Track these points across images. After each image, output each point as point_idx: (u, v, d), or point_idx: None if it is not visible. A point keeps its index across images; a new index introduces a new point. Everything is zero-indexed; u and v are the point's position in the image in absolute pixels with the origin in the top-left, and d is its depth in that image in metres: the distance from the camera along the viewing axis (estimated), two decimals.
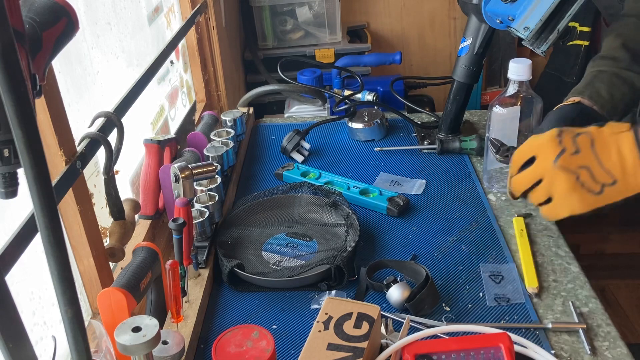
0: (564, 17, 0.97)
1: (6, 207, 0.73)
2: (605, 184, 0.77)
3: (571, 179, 0.78)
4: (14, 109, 0.39)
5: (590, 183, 0.77)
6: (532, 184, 0.82)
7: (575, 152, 0.79)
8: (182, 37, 1.35)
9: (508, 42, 2.45)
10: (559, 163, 0.79)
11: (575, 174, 0.78)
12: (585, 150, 0.78)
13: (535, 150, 0.82)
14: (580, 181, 0.78)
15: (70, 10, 0.64)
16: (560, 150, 0.79)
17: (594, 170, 0.77)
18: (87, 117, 0.91)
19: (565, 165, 0.79)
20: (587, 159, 0.78)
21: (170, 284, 0.79)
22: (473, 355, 0.71)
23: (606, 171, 0.77)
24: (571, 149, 0.79)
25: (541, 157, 0.81)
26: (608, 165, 0.77)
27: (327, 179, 1.25)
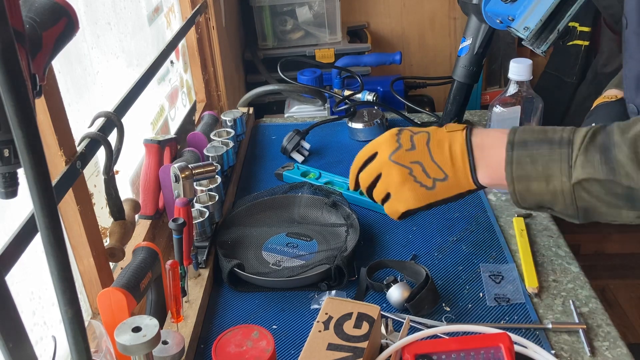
0: (564, 17, 0.97)
1: (6, 207, 0.73)
2: (436, 179, 0.79)
3: (404, 172, 0.81)
4: (14, 109, 0.39)
5: (422, 177, 0.80)
6: (372, 179, 0.85)
7: (410, 148, 0.81)
8: (182, 37, 1.35)
9: (508, 42, 2.45)
10: (393, 157, 0.81)
11: (408, 169, 0.81)
12: (419, 147, 0.81)
13: (376, 147, 0.85)
14: (412, 175, 0.80)
15: (70, 10, 0.64)
16: (396, 147, 0.82)
17: (426, 165, 0.80)
18: (87, 117, 0.91)
19: (399, 159, 0.81)
20: (420, 155, 0.81)
21: (170, 284, 0.79)
22: (473, 355, 0.71)
23: (437, 166, 0.79)
24: (407, 146, 0.82)
25: (380, 153, 0.84)
26: (439, 161, 0.79)
27: (327, 179, 1.25)
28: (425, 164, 0.80)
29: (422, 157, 0.80)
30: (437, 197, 0.81)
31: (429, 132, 0.82)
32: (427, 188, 0.80)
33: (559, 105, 2.24)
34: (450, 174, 0.79)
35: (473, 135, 0.78)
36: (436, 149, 0.80)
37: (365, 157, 0.86)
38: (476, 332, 0.82)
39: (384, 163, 0.82)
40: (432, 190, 0.80)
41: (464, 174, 0.78)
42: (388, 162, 0.82)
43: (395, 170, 0.81)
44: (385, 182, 0.83)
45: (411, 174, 0.80)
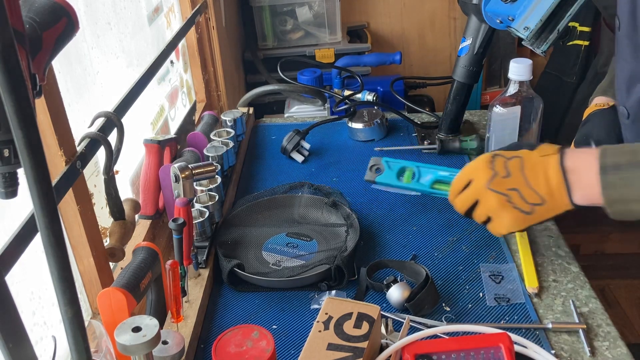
0: (564, 17, 0.97)
1: (6, 207, 0.73)
2: (534, 204, 0.83)
3: (502, 200, 0.85)
4: (14, 109, 0.39)
5: (521, 203, 0.83)
6: (469, 205, 0.89)
7: (506, 175, 0.85)
8: (182, 37, 1.35)
9: (508, 42, 2.45)
10: (490, 186, 0.85)
11: (506, 196, 0.84)
12: (515, 173, 0.84)
13: (471, 175, 0.89)
14: (512, 202, 0.84)
15: (70, 10, 0.64)
16: (492, 174, 0.86)
17: (523, 192, 0.83)
18: (87, 117, 0.91)
19: (496, 187, 0.85)
20: (517, 182, 0.84)
21: (170, 284, 0.79)
22: (473, 355, 0.71)
23: (535, 192, 0.83)
24: (502, 173, 0.85)
25: (475, 181, 0.88)
26: (535, 186, 0.82)
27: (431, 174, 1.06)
28: (522, 190, 0.83)
29: (519, 184, 0.84)
30: (535, 220, 0.84)
31: (521, 157, 0.85)
32: (525, 213, 0.83)
33: (559, 105, 2.24)
34: (547, 199, 0.82)
35: (565, 159, 0.81)
36: (531, 175, 0.83)
37: (462, 185, 0.90)
38: (476, 332, 0.82)
39: (482, 190, 0.87)
40: (530, 215, 0.83)
41: (561, 197, 0.81)
42: (485, 190, 0.86)
43: (493, 198, 0.85)
44: (485, 208, 0.87)
45: (509, 201, 0.84)
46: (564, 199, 0.81)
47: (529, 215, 0.83)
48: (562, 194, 0.81)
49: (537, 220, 0.84)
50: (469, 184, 0.89)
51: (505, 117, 1.11)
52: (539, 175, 0.82)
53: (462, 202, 0.91)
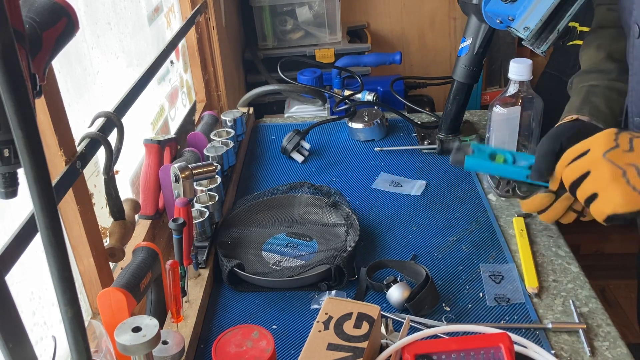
0: (564, 17, 0.97)
1: (6, 207, 0.73)
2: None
3: (617, 172, 0.76)
4: (14, 109, 0.39)
5: (636, 181, 0.75)
6: (579, 175, 0.80)
7: (628, 149, 0.77)
8: (182, 37, 1.35)
9: (508, 42, 2.45)
10: (607, 155, 0.77)
11: (622, 170, 0.76)
12: (638, 150, 0.76)
13: (590, 144, 0.80)
14: (626, 177, 0.75)
15: (70, 10, 0.64)
16: (613, 145, 0.78)
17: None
18: (87, 117, 0.91)
19: (613, 158, 0.76)
20: (638, 158, 0.76)
21: (170, 284, 0.79)
22: (473, 355, 0.71)
23: None
24: (624, 147, 0.77)
25: (593, 149, 0.79)
26: None
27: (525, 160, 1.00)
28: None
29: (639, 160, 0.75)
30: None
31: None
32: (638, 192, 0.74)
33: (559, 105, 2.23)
34: None
35: None
36: None
37: (577, 153, 0.82)
38: (476, 332, 0.82)
39: (597, 160, 0.78)
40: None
41: None
42: (601, 159, 0.77)
43: (607, 169, 0.76)
44: (594, 180, 0.78)
45: (624, 175, 0.75)
46: None
47: None
48: None
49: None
50: (585, 154, 0.80)
51: (505, 117, 1.11)
52: None
53: (571, 171, 0.81)
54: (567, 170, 0.83)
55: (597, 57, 1.07)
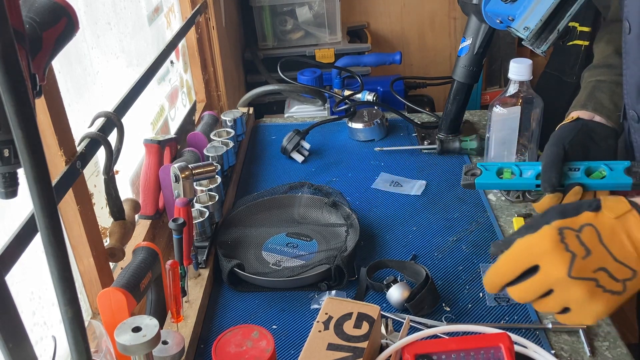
0: (564, 17, 0.97)
1: (6, 207, 0.73)
2: (625, 279, 0.66)
3: (590, 286, 0.66)
4: (14, 109, 0.39)
5: (611, 284, 0.66)
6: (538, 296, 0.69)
7: (585, 255, 0.67)
8: (182, 37, 1.35)
9: (508, 42, 2.45)
10: (573, 274, 0.67)
11: (594, 280, 0.67)
12: (595, 249, 0.67)
13: (538, 259, 0.68)
14: (600, 286, 0.66)
15: (70, 10, 0.64)
16: (569, 257, 0.67)
17: (611, 269, 0.66)
18: (87, 117, 0.91)
19: (580, 274, 0.67)
20: (601, 259, 0.67)
21: (170, 284, 0.79)
22: (473, 355, 0.71)
23: (624, 265, 0.66)
24: (580, 253, 0.67)
25: (548, 267, 0.68)
26: (624, 258, 0.66)
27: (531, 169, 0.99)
28: (609, 267, 0.66)
29: (603, 260, 0.67)
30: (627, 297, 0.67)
31: (593, 224, 0.68)
32: (618, 294, 0.66)
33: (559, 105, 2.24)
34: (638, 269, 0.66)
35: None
36: (614, 245, 0.67)
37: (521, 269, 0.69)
38: (476, 332, 0.82)
39: (560, 280, 0.67)
40: (623, 294, 0.66)
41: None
42: (566, 280, 0.67)
43: (578, 288, 0.66)
44: (563, 299, 0.68)
45: (598, 285, 0.66)
46: None
47: (621, 295, 0.66)
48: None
49: (627, 297, 0.67)
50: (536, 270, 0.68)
51: (505, 117, 1.11)
52: (624, 242, 0.67)
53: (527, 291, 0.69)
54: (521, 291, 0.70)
55: (607, 51, 1.08)
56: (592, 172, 0.95)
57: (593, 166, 0.95)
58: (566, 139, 0.97)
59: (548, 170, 0.94)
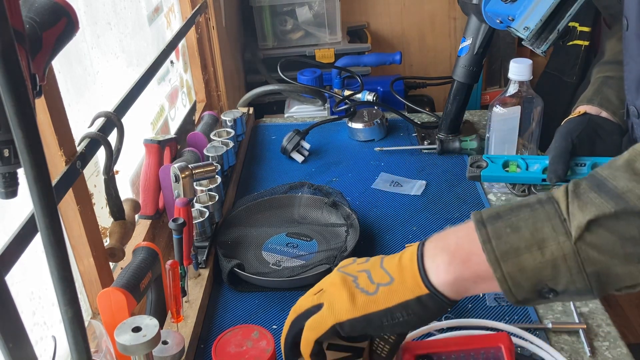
0: (564, 17, 0.97)
1: (6, 207, 0.73)
2: (380, 283, 0.63)
3: (347, 279, 0.66)
4: (14, 109, 0.39)
5: (366, 284, 0.64)
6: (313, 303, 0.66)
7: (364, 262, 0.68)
8: (182, 37, 1.35)
9: (508, 42, 2.45)
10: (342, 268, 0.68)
11: (353, 277, 0.66)
12: (373, 259, 0.68)
13: None
14: (356, 282, 0.65)
15: (70, 10, 0.64)
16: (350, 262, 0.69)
17: (373, 272, 0.65)
18: (87, 117, 0.91)
19: (347, 269, 0.67)
20: (371, 265, 0.67)
21: (170, 284, 0.79)
22: (473, 356, 0.71)
23: (385, 271, 0.64)
24: (360, 261, 0.69)
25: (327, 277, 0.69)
26: (387, 266, 0.65)
27: (538, 162, 1.00)
28: (373, 271, 0.65)
29: (372, 266, 0.66)
30: (375, 306, 0.62)
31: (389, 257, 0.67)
32: (367, 294, 0.63)
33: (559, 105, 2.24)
34: (396, 277, 0.62)
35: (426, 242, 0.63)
36: (388, 258, 0.66)
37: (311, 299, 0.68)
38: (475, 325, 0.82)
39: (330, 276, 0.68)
40: (372, 296, 0.63)
41: (411, 272, 0.61)
42: (334, 272, 0.68)
43: (338, 277, 0.66)
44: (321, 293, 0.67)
45: (355, 281, 0.65)
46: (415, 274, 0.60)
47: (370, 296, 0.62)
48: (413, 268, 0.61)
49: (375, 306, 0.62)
50: None
51: (505, 117, 1.11)
52: (394, 259, 0.65)
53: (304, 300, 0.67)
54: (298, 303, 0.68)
55: (617, 47, 1.08)
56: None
57: (599, 162, 0.95)
58: (574, 132, 0.98)
59: (555, 162, 0.95)
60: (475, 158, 1.04)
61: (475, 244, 0.57)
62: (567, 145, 0.96)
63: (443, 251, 0.60)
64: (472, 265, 0.57)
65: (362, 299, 0.63)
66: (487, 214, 0.58)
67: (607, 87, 1.04)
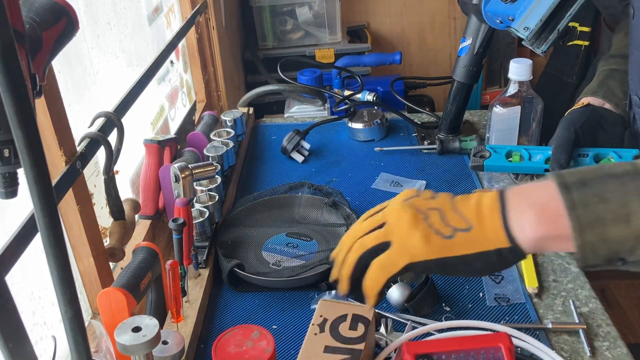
0: (564, 17, 0.97)
1: (6, 207, 0.73)
2: (457, 228, 0.62)
3: (417, 216, 0.63)
4: (14, 109, 0.39)
5: (440, 225, 0.62)
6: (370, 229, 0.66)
7: (431, 197, 0.66)
8: (182, 37, 1.35)
9: (508, 42, 2.45)
10: (408, 202, 0.65)
11: (424, 214, 0.63)
12: (442, 197, 0.65)
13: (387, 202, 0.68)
14: (427, 221, 0.63)
15: (70, 10, 0.64)
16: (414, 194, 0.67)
17: (447, 213, 0.63)
18: (87, 117, 0.91)
19: (415, 204, 0.64)
20: (442, 203, 0.64)
21: (170, 284, 0.79)
22: (473, 356, 0.71)
23: (460, 215, 0.62)
24: (427, 195, 0.66)
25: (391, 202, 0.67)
26: (463, 210, 0.63)
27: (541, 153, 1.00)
28: (446, 211, 0.63)
29: (443, 204, 0.64)
30: (453, 251, 0.61)
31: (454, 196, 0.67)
32: (443, 236, 0.62)
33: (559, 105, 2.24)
34: (475, 224, 0.61)
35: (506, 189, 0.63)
36: (461, 201, 0.64)
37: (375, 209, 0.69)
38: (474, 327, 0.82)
39: (394, 208, 0.66)
40: (449, 240, 0.61)
41: (492, 223, 0.60)
42: (399, 204, 0.65)
43: (406, 214, 0.64)
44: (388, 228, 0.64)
45: (426, 219, 0.63)
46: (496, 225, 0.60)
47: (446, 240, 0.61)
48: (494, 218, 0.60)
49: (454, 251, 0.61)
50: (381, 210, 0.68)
51: (505, 117, 1.11)
52: (470, 201, 0.63)
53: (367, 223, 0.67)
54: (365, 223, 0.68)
55: (624, 41, 1.09)
56: (600, 158, 0.96)
57: (602, 153, 0.96)
58: (577, 123, 0.99)
59: (558, 152, 0.96)
60: (478, 148, 1.04)
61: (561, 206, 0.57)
62: (569, 135, 0.97)
63: (530, 208, 0.59)
64: (558, 227, 0.57)
65: (438, 242, 0.62)
66: (571, 178, 0.58)
67: (611, 80, 1.05)
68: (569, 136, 0.97)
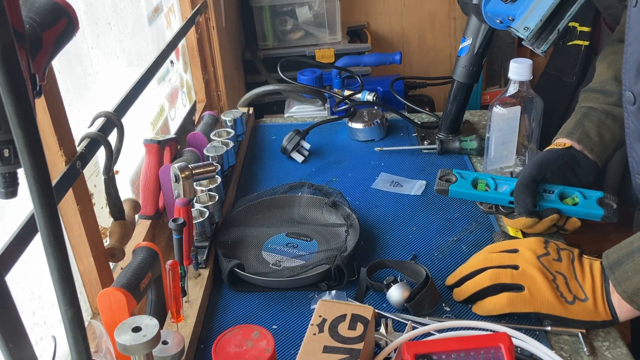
0: (564, 17, 0.97)
1: (6, 207, 0.73)
2: (577, 297, 0.81)
3: (548, 276, 0.83)
4: (14, 109, 0.39)
5: (565, 290, 0.82)
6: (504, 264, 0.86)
7: (557, 259, 0.85)
8: (182, 37, 1.35)
9: (508, 42, 2.45)
10: (541, 260, 0.84)
11: (553, 276, 0.83)
12: (565, 261, 0.84)
13: (519, 244, 0.88)
14: (555, 283, 0.82)
15: (70, 10, 0.64)
16: (544, 252, 0.85)
17: (570, 281, 0.82)
18: (87, 117, 0.91)
19: (545, 263, 0.84)
20: (565, 269, 0.84)
21: (170, 284, 0.79)
22: (473, 356, 0.71)
23: (580, 287, 0.82)
24: (554, 256, 0.85)
25: (523, 251, 0.86)
26: (582, 282, 0.82)
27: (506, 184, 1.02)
28: (569, 278, 0.83)
29: (567, 271, 0.83)
30: (572, 314, 0.81)
31: (572, 251, 0.87)
32: (566, 301, 0.81)
33: (559, 105, 2.24)
34: (590, 298, 0.81)
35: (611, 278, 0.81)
36: (580, 270, 0.84)
37: (503, 248, 0.89)
38: (474, 327, 0.82)
39: (528, 260, 0.84)
40: (569, 306, 0.81)
41: (602, 300, 0.81)
42: (534, 259, 0.84)
43: (539, 271, 0.83)
44: (522, 275, 0.83)
45: (555, 281, 0.82)
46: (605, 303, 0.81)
47: (566, 305, 0.81)
48: (603, 298, 0.81)
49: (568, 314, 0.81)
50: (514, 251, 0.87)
51: (505, 117, 1.11)
52: (586, 273, 0.83)
53: (499, 257, 0.87)
54: (495, 256, 0.88)
55: (606, 75, 1.08)
56: (565, 196, 1.00)
57: (567, 191, 1.00)
58: (552, 166, 1.00)
59: (522, 193, 0.98)
60: (445, 172, 1.06)
61: None
62: (536, 176, 0.98)
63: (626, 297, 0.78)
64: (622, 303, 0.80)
65: (560, 305, 0.81)
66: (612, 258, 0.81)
67: (588, 121, 1.03)
68: (535, 177, 0.98)
